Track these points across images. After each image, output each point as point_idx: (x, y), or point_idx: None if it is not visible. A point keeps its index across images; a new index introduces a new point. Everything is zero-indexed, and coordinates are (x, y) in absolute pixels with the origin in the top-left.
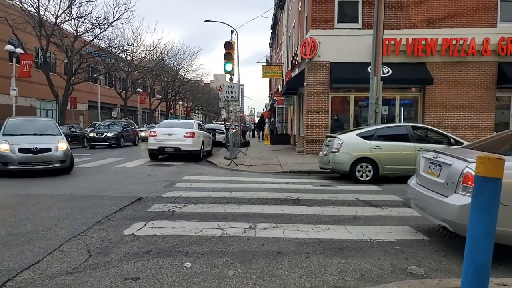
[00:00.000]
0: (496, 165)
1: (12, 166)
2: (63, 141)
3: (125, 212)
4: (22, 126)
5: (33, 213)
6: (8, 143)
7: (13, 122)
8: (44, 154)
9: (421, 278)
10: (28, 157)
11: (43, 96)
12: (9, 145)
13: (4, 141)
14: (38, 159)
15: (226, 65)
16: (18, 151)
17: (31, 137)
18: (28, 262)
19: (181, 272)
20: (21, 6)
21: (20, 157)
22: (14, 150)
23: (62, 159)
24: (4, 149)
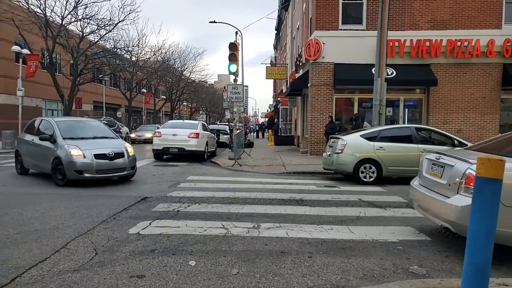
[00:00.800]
0: (496, 166)
1: (89, 174)
2: (128, 144)
3: (130, 211)
4: (75, 128)
5: (40, 212)
6: (79, 147)
7: (63, 123)
8: (119, 160)
9: (423, 278)
10: (105, 164)
11: (49, 96)
12: (81, 150)
13: (73, 145)
14: (114, 166)
15: (230, 66)
16: (94, 157)
17: (94, 141)
18: (36, 259)
19: (186, 271)
20: (27, 7)
21: (96, 164)
22: (89, 155)
23: (133, 164)
24: (76, 154)
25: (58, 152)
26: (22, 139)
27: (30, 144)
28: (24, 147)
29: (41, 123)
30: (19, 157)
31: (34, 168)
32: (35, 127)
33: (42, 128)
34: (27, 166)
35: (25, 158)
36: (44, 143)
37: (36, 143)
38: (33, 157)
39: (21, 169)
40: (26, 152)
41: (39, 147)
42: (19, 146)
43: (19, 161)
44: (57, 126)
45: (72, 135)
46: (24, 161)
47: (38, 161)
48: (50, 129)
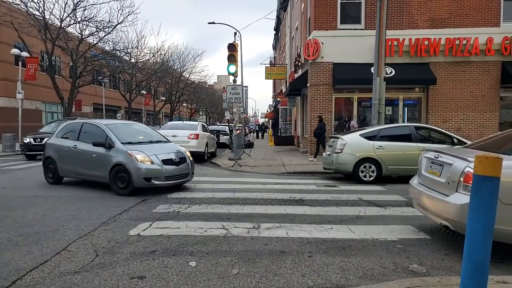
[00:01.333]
0: (494, 164)
1: (158, 182)
2: (183, 148)
3: (130, 212)
4: (128, 132)
5: (41, 214)
6: (145, 153)
7: (115, 127)
8: (183, 165)
9: (423, 276)
10: (173, 170)
11: (49, 99)
12: (148, 156)
13: (137, 151)
14: (180, 172)
15: (229, 66)
16: (162, 162)
17: (153, 146)
18: (36, 261)
19: (186, 271)
20: (26, 10)
21: (165, 170)
22: (157, 161)
23: (193, 169)
24: (144, 160)
25: (119, 158)
26: (55, 144)
27: (71, 150)
28: (61, 153)
29: (83, 127)
30: (50, 164)
31: (76, 176)
32: (76, 131)
33: (88, 132)
34: (64, 174)
35: (62, 166)
36: (97, 149)
37: (82, 149)
38: (78, 164)
39: (55, 178)
40: (64, 159)
41: (88, 153)
42: (51, 152)
43: (51, 169)
44: (110, 130)
45: (128, 139)
46: (61, 168)
47: (86, 169)
48: (101, 134)
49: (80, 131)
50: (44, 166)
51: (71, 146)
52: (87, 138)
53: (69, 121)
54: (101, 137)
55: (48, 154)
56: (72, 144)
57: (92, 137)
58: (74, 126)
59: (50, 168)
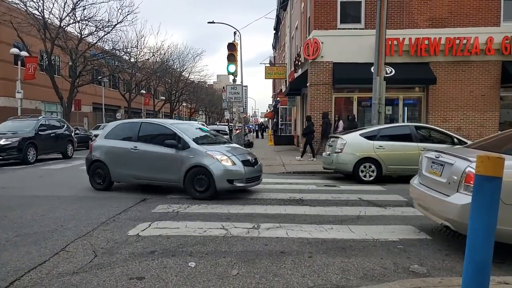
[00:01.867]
0: (496, 164)
1: (240, 184)
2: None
3: (129, 212)
4: (192, 132)
5: (40, 214)
6: (225, 154)
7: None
8: (258, 166)
9: (424, 277)
10: (251, 171)
11: (48, 98)
12: (229, 157)
13: (216, 152)
14: (256, 173)
15: (229, 66)
16: (243, 163)
17: (223, 146)
18: (35, 262)
19: (186, 272)
20: (25, 9)
21: (246, 171)
22: (238, 162)
23: (262, 171)
24: (226, 162)
25: (197, 159)
26: (106, 146)
27: (130, 152)
28: (116, 156)
29: (143, 127)
30: (99, 169)
31: (135, 180)
32: (134, 132)
33: (150, 133)
34: (118, 179)
35: (117, 170)
36: (166, 150)
37: (146, 151)
38: (139, 167)
39: (105, 183)
40: (120, 162)
41: (154, 155)
42: (101, 155)
43: (100, 174)
44: (179, 130)
45: (199, 140)
46: (115, 173)
47: (151, 172)
48: (169, 134)
49: (140, 131)
50: (91, 171)
51: (130, 147)
52: (150, 139)
53: (120, 121)
54: (170, 138)
55: (96, 157)
56: (131, 146)
57: (157, 137)
58: (129, 126)
59: (99, 173)
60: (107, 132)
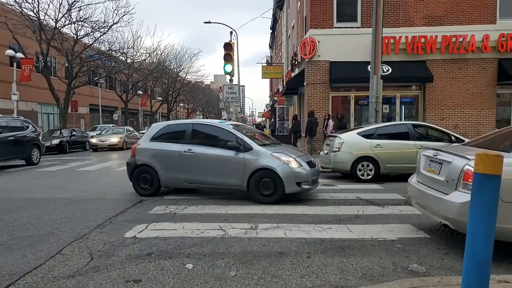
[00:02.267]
0: (495, 162)
1: (307, 186)
2: None
3: (126, 214)
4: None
5: (35, 217)
6: (290, 155)
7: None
8: (317, 167)
9: (423, 276)
10: (314, 172)
11: (44, 100)
12: (294, 158)
13: (282, 153)
14: (317, 174)
15: (225, 66)
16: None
17: (281, 147)
18: (30, 266)
19: (183, 274)
20: (21, 10)
21: (312, 173)
22: (304, 164)
23: None
24: (293, 162)
25: (262, 162)
26: (154, 149)
27: (184, 155)
28: (166, 159)
29: (195, 128)
30: (146, 173)
31: (189, 185)
32: (186, 133)
33: (205, 134)
34: (168, 184)
35: (168, 174)
36: (226, 152)
37: (204, 153)
38: (195, 171)
39: (153, 188)
40: (172, 165)
41: (213, 158)
42: (148, 159)
43: (146, 179)
44: (237, 131)
45: (256, 141)
46: (165, 177)
47: (208, 176)
48: (226, 135)
49: (192, 133)
50: (135, 176)
51: (183, 150)
52: (205, 141)
53: (166, 123)
54: (229, 139)
55: (143, 161)
56: (185, 148)
57: (214, 139)
58: (178, 127)
59: (145, 177)
60: (153, 134)
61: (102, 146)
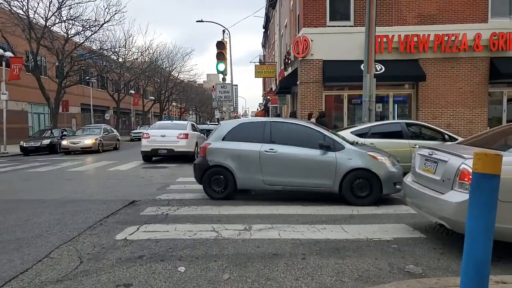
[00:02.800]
0: (494, 161)
1: (399, 186)
2: None
3: (117, 216)
4: None
5: (23, 219)
6: (383, 154)
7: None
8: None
9: (419, 277)
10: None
11: (35, 99)
12: (387, 158)
13: (377, 152)
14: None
15: (218, 65)
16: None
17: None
18: (16, 270)
19: (175, 277)
20: (9, 9)
21: (401, 173)
22: (396, 163)
23: None
24: (388, 161)
25: (357, 162)
26: (229, 149)
27: (265, 155)
28: (244, 160)
29: (274, 126)
30: (219, 175)
31: (269, 187)
32: (264, 132)
33: (286, 133)
34: (245, 186)
35: (245, 175)
36: (313, 151)
37: (287, 153)
38: (278, 172)
39: (228, 191)
40: (251, 166)
41: (298, 158)
42: (223, 160)
43: (221, 181)
44: (322, 129)
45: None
46: (241, 179)
47: (293, 177)
48: (312, 134)
49: (272, 132)
50: (206, 178)
51: (263, 150)
52: (287, 140)
53: (238, 121)
54: (315, 138)
55: (216, 162)
56: (266, 148)
57: (297, 138)
58: (254, 126)
59: (218, 179)
60: (225, 133)
61: (74, 148)
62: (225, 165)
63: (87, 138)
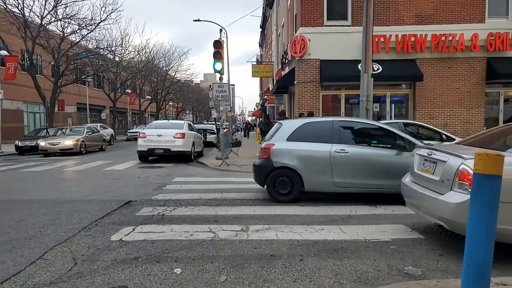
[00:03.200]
0: (496, 162)
1: None
2: None
3: (113, 216)
4: None
5: (17, 220)
6: None
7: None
8: None
9: (419, 279)
10: None
11: (30, 99)
12: None
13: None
14: None
15: (215, 64)
16: None
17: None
18: (9, 272)
19: (171, 279)
20: (5, 7)
21: None
22: None
23: None
24: None
25: None
26: (297, 150)
27: (336, 155)
28: (312, 161)
29: (343, 125)
30: (284, 177)
31: (339, 189)
32: (333, 132)
33: (356, 133)
34: (313, 188)
35: (314, 177)
36: (387, 151)
37: (360, 153)
38: (348, 173)
39: (294, 192)
40: (320, 167)
41: (372, 158)
42: (289, 161)
43: (286, 183)
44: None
45: None
46: (309, 181)
47: (367, 178)
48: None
49: (340, 132)
50: (271, 180)
51: (334, 150)
52: (358, 140)
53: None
54: (389, 138)
55: (282, 163)
56: (336, 149)
57: (368, 138)
58: (321, 125)
59: (284, 181)
60: (289, 133)
61: (53, 150)
62: (291, 166)
63: (67, 138)
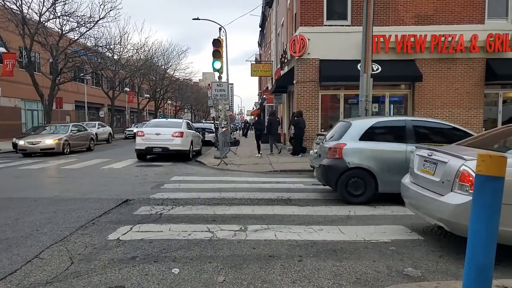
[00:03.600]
0: (499, 163)
1: None
2: None
3: (110, 215)
4: None
5: (13, 218)
6: None
7: None
8: None
9: (418, 281)
10: None
11: (28, 96)
12: None
13: None
14: None
15: (214, 63)
16: None
17: None
18: (4, 271)
19: (169, 279)
20: (3, 4)
21: None
22: None
23: None
24: None
25: None
26: (371, 150)
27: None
28: (389, 162)
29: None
30: (357, 178)
31: None
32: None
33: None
34: (387, 189)
35: (390, 178)
36: None
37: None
38: None
39: (367, 194)
40: (397, 168)
41: None
42: (361, 161)
43: (359, 185)
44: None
45: None
46: (384, 182)
47: None
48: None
49: (415, 131)
50: (343, 181)
51: (410, 150)
52: (433, 140)
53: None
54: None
55: (356, 163)
56: (412, 148)
57: (441, 137)
58: (394, 124)
59: (357, 182)
60: (361, 133)
61: (33, 150)
62: (366, 167)
63: (48, 137)
